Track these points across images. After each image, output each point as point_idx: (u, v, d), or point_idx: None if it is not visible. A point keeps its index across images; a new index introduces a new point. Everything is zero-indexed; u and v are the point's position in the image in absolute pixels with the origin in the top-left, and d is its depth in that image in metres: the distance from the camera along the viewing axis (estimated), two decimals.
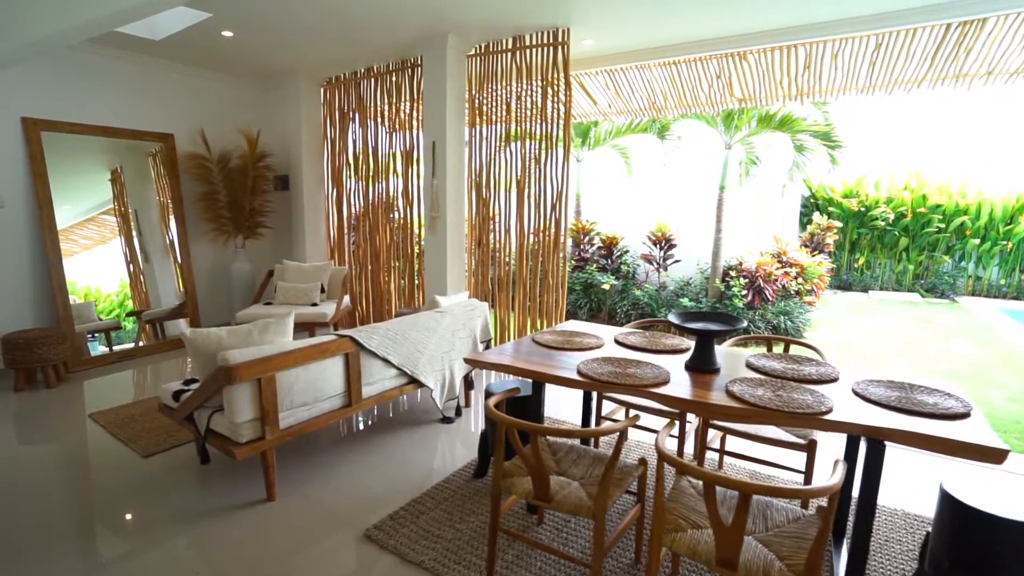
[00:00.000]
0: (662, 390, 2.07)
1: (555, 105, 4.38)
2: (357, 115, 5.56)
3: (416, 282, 5.43)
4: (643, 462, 2.09)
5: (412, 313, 4.61)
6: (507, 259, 4.82)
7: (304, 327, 4.94)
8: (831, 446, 3.15)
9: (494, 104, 4.70)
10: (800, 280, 6.99)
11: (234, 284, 5.65)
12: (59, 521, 2.50)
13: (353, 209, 5.80)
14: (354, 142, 5.64)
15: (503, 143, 4.67)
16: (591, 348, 2.60)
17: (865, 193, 10.16)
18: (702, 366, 2.31)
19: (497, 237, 4.80)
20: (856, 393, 2.00)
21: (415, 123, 5.16)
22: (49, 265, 4.45)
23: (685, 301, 7.01)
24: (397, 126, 5.27)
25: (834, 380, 2.18)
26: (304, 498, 2.67)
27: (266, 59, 5.11)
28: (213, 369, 2.49)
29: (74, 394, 4.15)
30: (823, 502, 2.55)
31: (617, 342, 2.75)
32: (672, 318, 2.37)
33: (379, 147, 5.43)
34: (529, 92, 4.48)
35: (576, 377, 2.19)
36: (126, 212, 5.50)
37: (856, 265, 10.39)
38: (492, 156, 4.70)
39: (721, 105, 5.45)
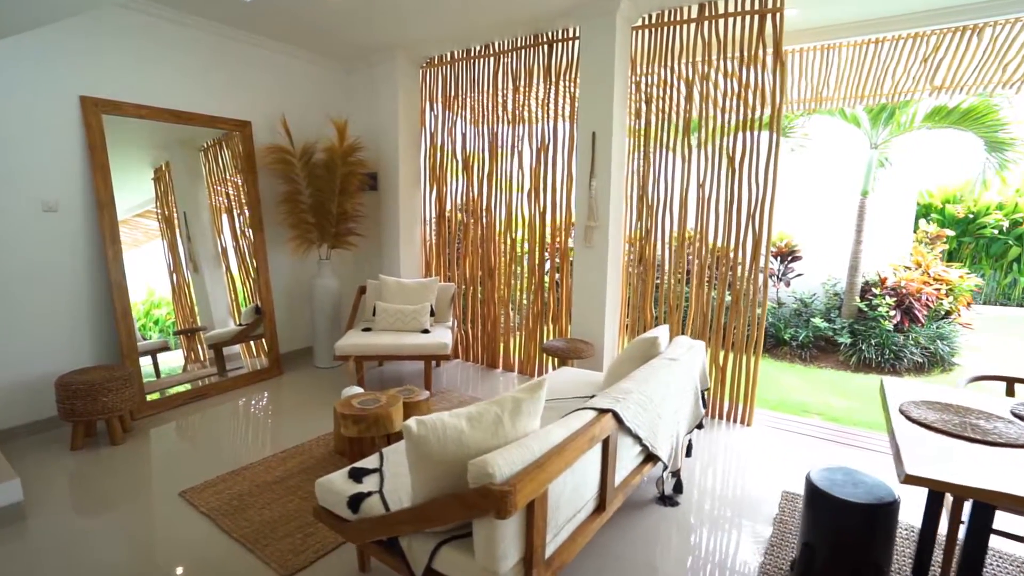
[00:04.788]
0: None
1: (758, 90, 3.47)
2: (468, 101, 4.62)
3: (546, 305, 4.44)
4: None
5: (565, 347, 3.70)
6: (677, 279, 3.88)
7: (402, 360, 4.21)
8: None
9: (668, 88, 3.77)
10: (951, 299, 6.08)
11: (316, 303, 4.70)
12: None
13: (458, 214, 4.86)
14: (463, 135, 4.70)
15: (680, 136, 3.75)
16: (1010, 444, 1.66)
17: (973, 199, 9.24)
18: None
19: (666, 252, 3.86)
20: None
21: (553, 111, 4.20)
22: (111, 283, 3.50)
23: (817, 321, 6.09)
24: (525, 116, 4.33)
25: None
26: None
27: (364, 32, 4.17)
28: (454, 480, 1.56)
29: (145, 454, 3.20)
30: None
31: (1019, 417, 1.83)
32: None
33: (497, 141, 4.48)
34: (721, 73, 3.56)
35: None
36: (170, 215, 4.54)
37: None
38: (663, 153, 3.77)
39: (910, 94, 4.51)
